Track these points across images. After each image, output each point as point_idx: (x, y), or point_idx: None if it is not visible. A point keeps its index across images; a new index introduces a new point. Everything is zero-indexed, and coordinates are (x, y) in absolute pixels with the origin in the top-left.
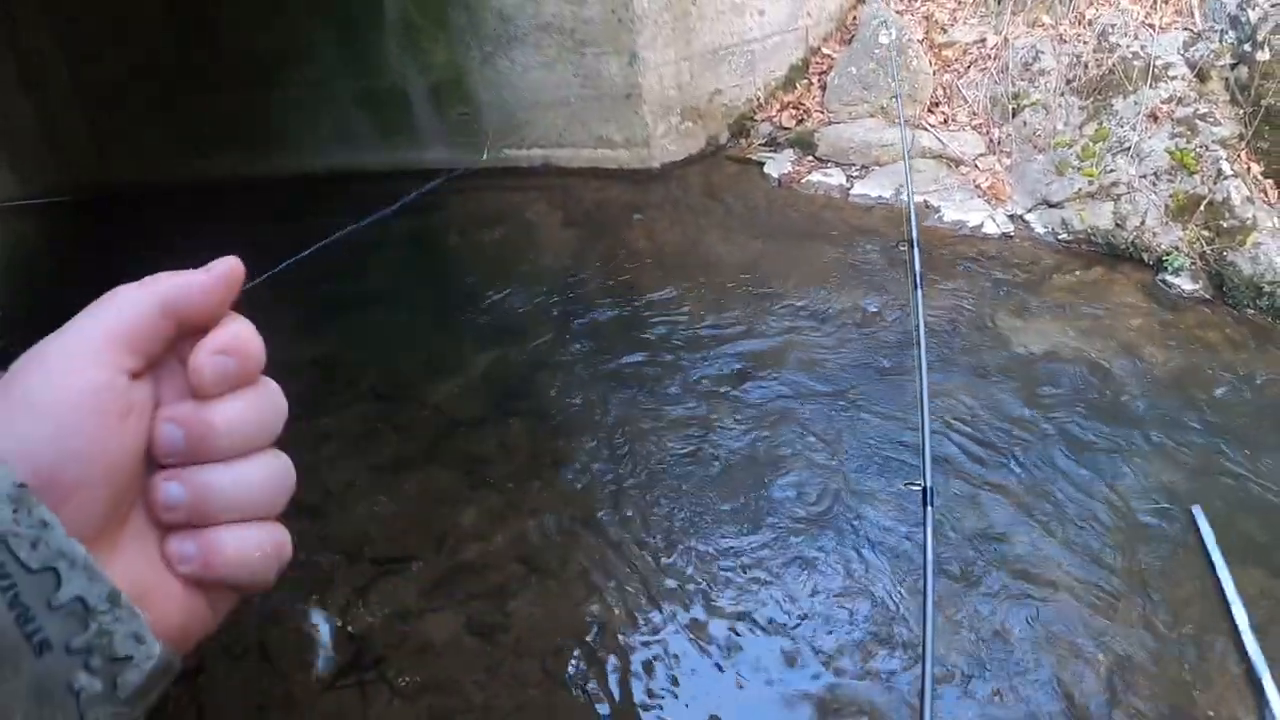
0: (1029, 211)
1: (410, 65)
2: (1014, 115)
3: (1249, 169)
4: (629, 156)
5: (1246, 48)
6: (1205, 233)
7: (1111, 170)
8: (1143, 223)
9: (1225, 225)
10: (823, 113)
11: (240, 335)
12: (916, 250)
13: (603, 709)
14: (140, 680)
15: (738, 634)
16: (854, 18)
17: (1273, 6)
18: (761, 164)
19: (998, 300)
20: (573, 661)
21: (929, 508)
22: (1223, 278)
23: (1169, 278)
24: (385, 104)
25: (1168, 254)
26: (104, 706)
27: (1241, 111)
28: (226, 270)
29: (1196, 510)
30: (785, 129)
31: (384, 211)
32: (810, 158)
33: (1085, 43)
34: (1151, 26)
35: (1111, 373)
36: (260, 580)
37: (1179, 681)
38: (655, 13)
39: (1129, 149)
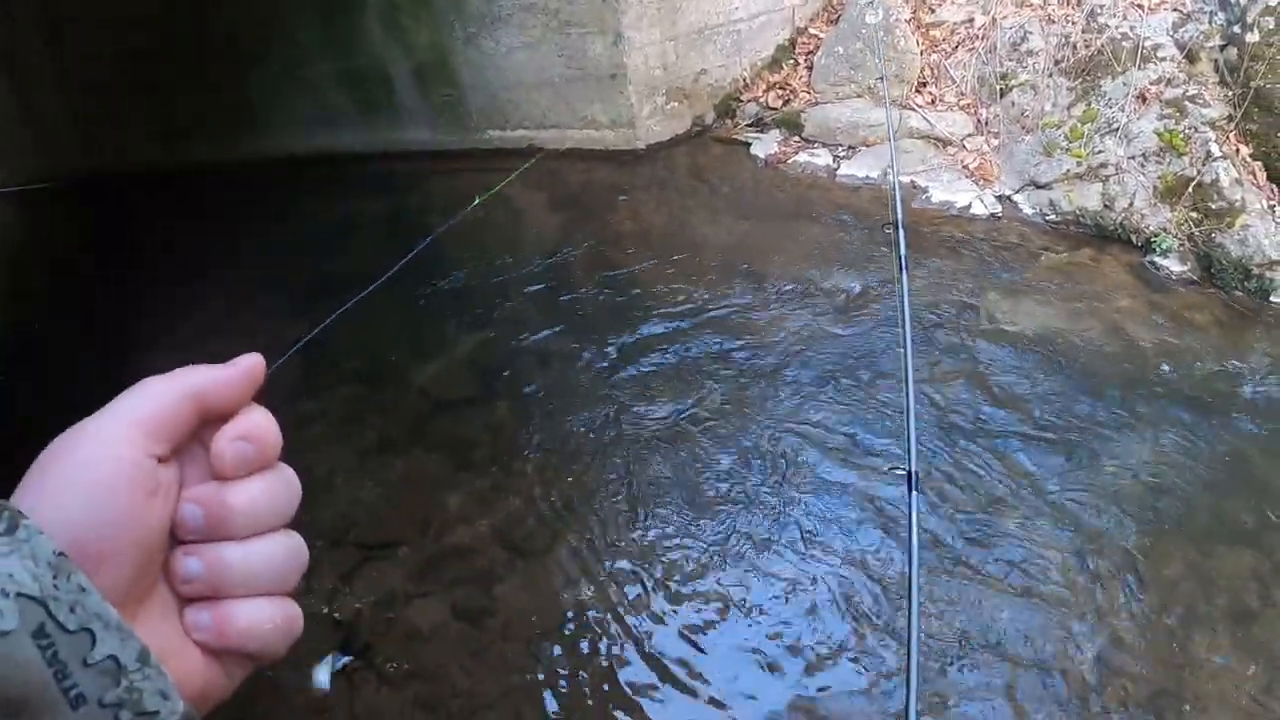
0: (1017, 192)
1: (393, 46)
2: (1002, 96)
3: (1238, 151)
4: (614, 137)
5: (1236, 29)
6: (1194, 214)
7: (1100, 151)
8: (1131, 204)
9: (1214, 207)
10: (809, 93)
11: (259, 424)
12: (902, 233)
13: (589, 694)
14: None
15: (724, 620)
16: None
17: None
18: (748, 145)
19: (985, 281)
20: (559, 647)
21: (914, 493)
22: (1211, 259)
23: (1157, 259)
24: (368, 85)
25: (1156, 235)
26: None
27: (1230, 93)
28: (250, 366)
29: None
30: (772, 109)
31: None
32: (797, 138)
33: (1074, 23)
34: (1140, 7)
35: (1099, 354)
36: (270, 651)
37: (1166, 660)
38: None
39: (1117, 130)
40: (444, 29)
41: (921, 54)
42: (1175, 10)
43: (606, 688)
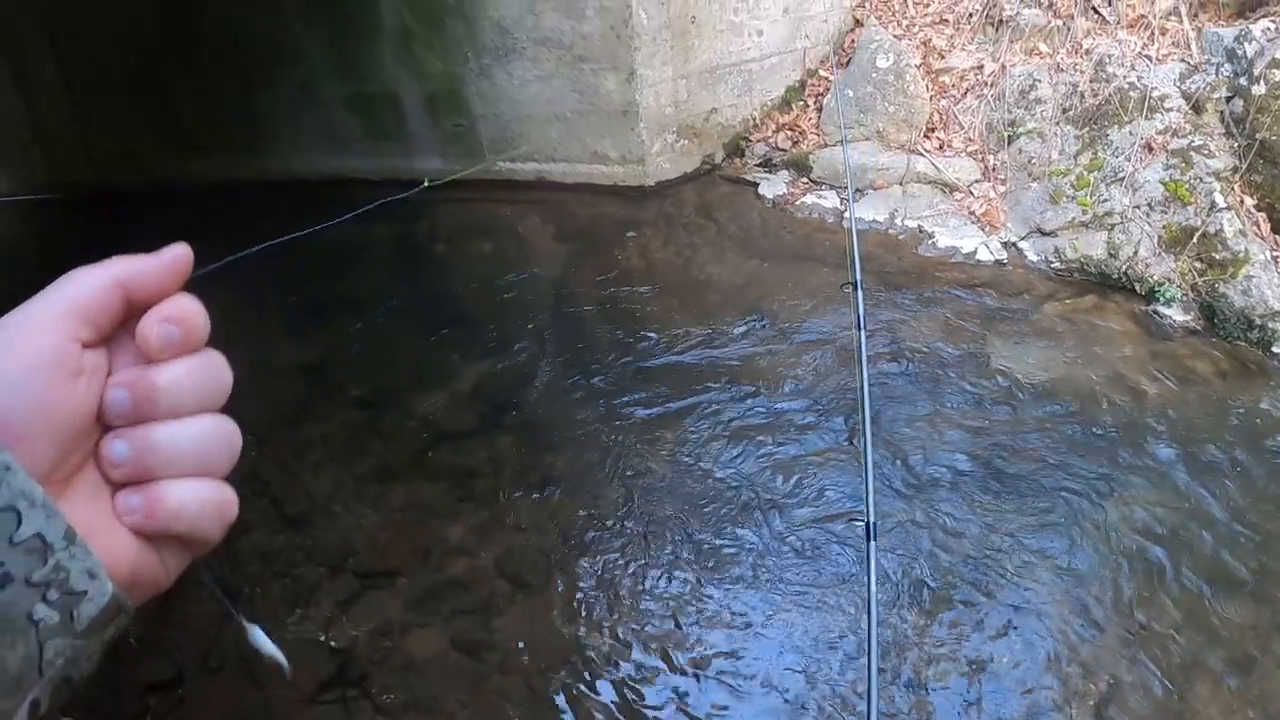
0: (1022, 239)
1: (405, 74)
2: (1009, 143)
3: (1242, 202)
4: (624, 173)
5: (1243, 81)
6: (1198, 264)
7: (1106, 200)
8: (1136, 253)
9: (1218, 257)
10: (818, 135)
11: (185, 307)
12: (860, 293)
13: None
14: (94, 613)
15: (709, 659)
16: (851, 41)
17: (1269, 41)
18: (756, 184)
19: (987, 327)
20: (558, 681)
21: (872, 543)
22: (1214, 309)
23: (1161, 308)
24: (379, 111)
25: (1160, 285)
26: (61, 638)
27: (1236, 144)
28: (176, 255)
29: None
30: (781, 150)
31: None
32: (805, 180)
33: (1082, 72)
34: (1148, 58)
35: (1100, 402)
36: (201, 533)
37: (1165, 709)
38: (654, 30)
39: (1123, 179)
40: (457, 59)
41: (930, 99)
42: (1183, 61)
43: None
